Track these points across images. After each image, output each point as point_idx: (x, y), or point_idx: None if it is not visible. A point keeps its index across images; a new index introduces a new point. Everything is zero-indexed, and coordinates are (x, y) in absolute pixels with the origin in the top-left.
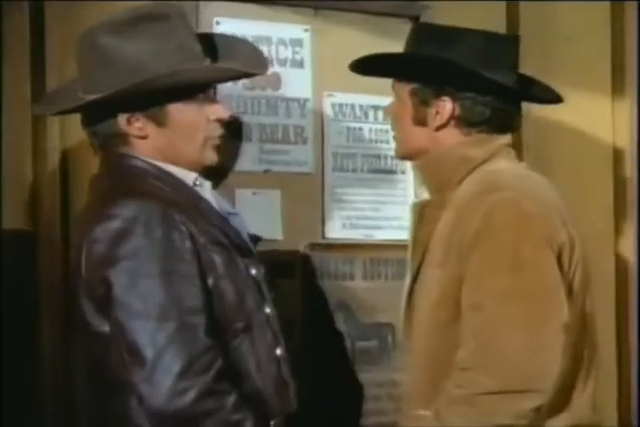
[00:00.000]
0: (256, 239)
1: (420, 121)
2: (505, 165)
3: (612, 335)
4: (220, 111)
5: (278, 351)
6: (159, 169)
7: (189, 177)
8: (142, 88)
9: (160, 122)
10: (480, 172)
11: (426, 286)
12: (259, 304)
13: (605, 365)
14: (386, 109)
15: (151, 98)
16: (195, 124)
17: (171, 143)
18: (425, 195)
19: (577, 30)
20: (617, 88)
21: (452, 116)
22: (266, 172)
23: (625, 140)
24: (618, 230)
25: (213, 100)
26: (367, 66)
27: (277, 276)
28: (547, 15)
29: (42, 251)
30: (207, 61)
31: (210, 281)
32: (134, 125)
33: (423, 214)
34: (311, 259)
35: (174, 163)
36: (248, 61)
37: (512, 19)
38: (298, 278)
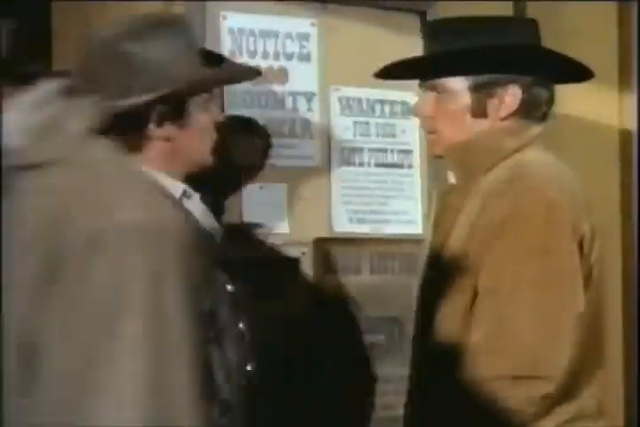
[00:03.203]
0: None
1: (482, 113)
2: (534, 156)
3: (618, 330)
4: (219, 114)
5: (249, 367)
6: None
7: (177, 188)
8: (188, 89)
9: (182, 124)
10: (510, 161)
11: (444, 273)
12: (233, 319)
13: (612, 361)
14: (420, 111)
15: (175, 101)
16: (206, 126)
17: (185, 145)
18: (451, 181)
19: (584, 24)
20: (624, 81)
21: (520, 104)
22: (273, 166)
23: (632, 134)
24: (624, 224)
25: (213, 103)
26: (418, 68)
27: (284, 270)
28: (554, 10)
29: None
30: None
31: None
32: (162, 128)
33: (446, 201)
34: (318, 253)
35: (174, 169)
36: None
37: (519, 12)
38: (304, 273)
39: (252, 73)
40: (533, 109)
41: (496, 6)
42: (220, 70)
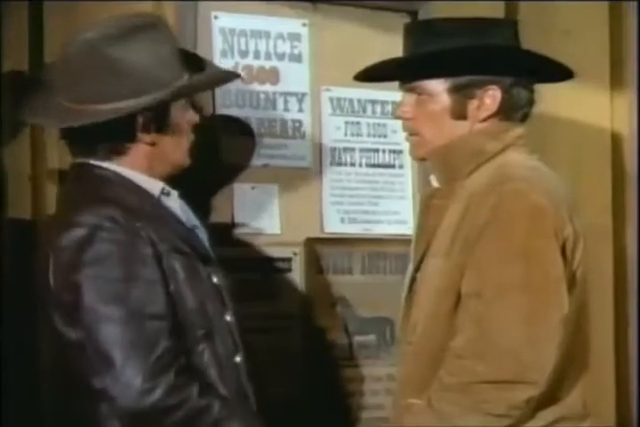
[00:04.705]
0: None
1: (461, 115)
2: (517, 158)
3: (609, 331)
4: (196, 116)
5: (237, 359)
6: (123, 178)
7: (156, 187)
8: (172, 97)
9: (163, 128)
10: (492, 164)
11: (428, 276)
12: (220, 312)
13: (603, 362)
14: (401, 113)
15: (160, 107)
16: (183, 129)
17: (167, 149)
18: (434, 184)
19: (576, 24)
20: (615, 82)
21: (500, 105)
22: (264, 166)
23: (623, 134)
24: (616, 225)
25: (189, 105)
26: (396, 70)
27: (276, 270)
28: (546, 8)
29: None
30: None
31: (171, 287)
32: (149, 133)
33: (430, 204)
34: (309, 253)
35: (156, 171)
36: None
37: (511, 12)
38: (296, 273)
39: (232, 76)
40: (514, 111)
41: (488, 6)
42: (202, 76)
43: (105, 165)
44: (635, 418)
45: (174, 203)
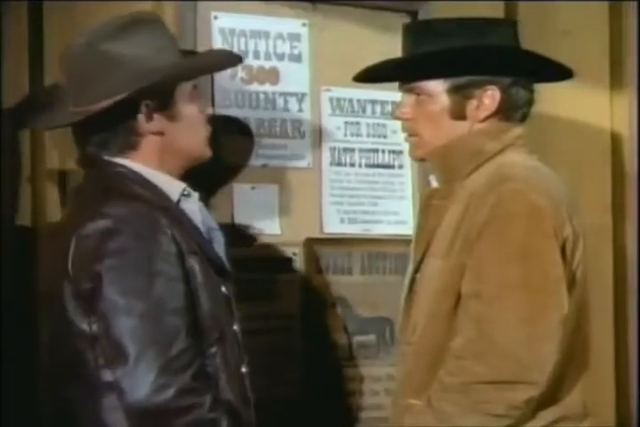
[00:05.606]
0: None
1: (461, 115)
2: (516, 158)
3: (609, 331)
4: (207, 106)
5: (243, 369)
6: (140, 176)
7: (177, 187)
8: (170, 78)
9: (172, 116)
10: (491, 164)
11: (427, 276)
12: (229, 321)
13: (603, 363)
14: (400, 114)
15: (162, 93)
16: (198, 117)
17: (178, 139)
18: (433, 184)
19: (575, 24)
20: (615, 82)
21: (499, 105)
22: (264, 166)
23: (623, 135)
24: (616, 225)
25: (200, 95)
26: (395, 71)
27: (275, 271)
28: (545, 8)
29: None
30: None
31: (192, 286)
32: (153, 122)
33: (430, 204)
34: (309, 253)
35: (168, 165)
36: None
37: (511, 12)
38: (296, 273)
39: (234, 59)
40: (513, 111)
41: (488, 6)
42: (201, 58)
43: (120, 161)
44: (635, 418)
45: (194, 205)
